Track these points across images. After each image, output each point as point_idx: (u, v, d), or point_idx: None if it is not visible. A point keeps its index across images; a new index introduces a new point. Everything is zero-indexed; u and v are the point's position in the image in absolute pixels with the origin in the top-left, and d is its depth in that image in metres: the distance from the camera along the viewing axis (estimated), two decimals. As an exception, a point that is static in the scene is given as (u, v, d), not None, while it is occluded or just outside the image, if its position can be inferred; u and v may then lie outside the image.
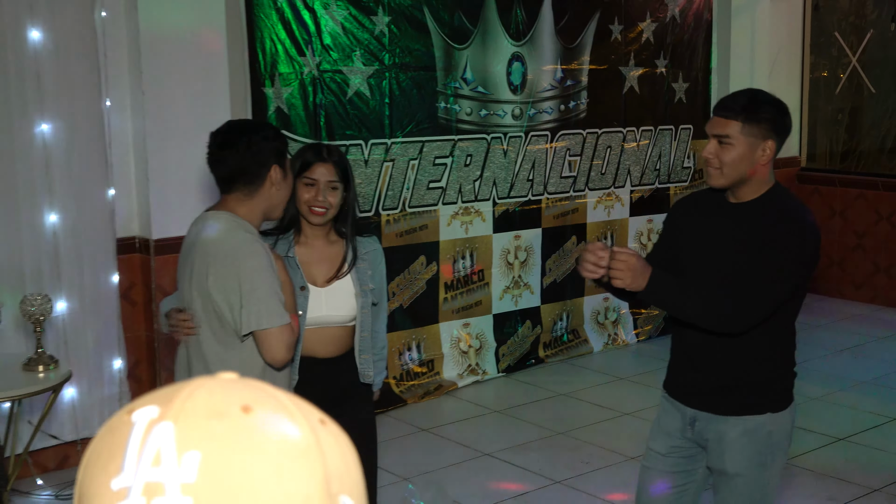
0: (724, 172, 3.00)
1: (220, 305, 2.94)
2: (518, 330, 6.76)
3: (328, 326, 3.39)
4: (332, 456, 0.76)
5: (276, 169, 3.00)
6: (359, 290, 3.39)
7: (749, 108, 2.97)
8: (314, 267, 3.38)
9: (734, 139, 2.97)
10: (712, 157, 3.01)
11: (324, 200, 3.29)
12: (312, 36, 5.58)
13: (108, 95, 5.07)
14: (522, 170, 6.62)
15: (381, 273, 3.49)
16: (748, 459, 3.06)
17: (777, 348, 3.08)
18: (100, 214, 5.05)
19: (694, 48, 7.52)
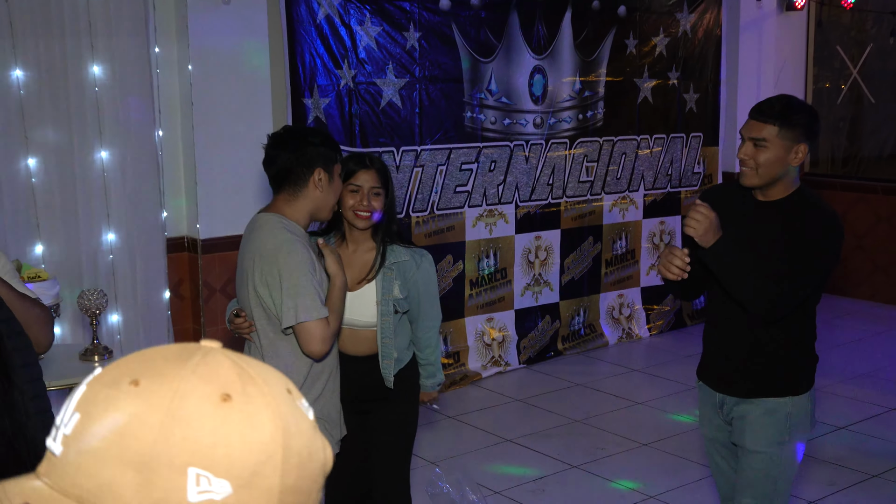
0: (759, 173, 3.00)
1: (266, 301, 2.97)
2: (538, 324, 6.76)
3: (355, 328, 3.37)
4: (184, 430, 0.79)
5: (319, 172, 3.01)
6: (380, 297, 3.33)
7: (785, 112, 2.98)
8: (347, 271, 3.34)
9: (770, 142, 2.98)
10: (748, 159, 3.01)
11: (368, 205, 3.28)
12: (349, 50, 5.59)
13: (160, 107, 5.11)
14: (543, 175, 6.61)
15: (415, 284, 3.37)
16: (767, 438, 3.08)
17: (799, 336, 3.09)
18: (152, 231, 5.09)
19: (704, 61, 7.48)
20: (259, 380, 0.84)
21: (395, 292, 3.35)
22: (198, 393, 0.80)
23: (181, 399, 0.80)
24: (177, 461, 0.78)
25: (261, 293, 2.98)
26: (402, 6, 5.79)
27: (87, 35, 4.77)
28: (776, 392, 3.08)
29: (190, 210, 5.32)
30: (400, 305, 3.37)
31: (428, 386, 3.55)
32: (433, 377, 3.54)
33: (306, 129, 3.15)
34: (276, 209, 3.06)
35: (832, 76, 8.67)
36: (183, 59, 5.17)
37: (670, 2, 7.17)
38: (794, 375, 3.09)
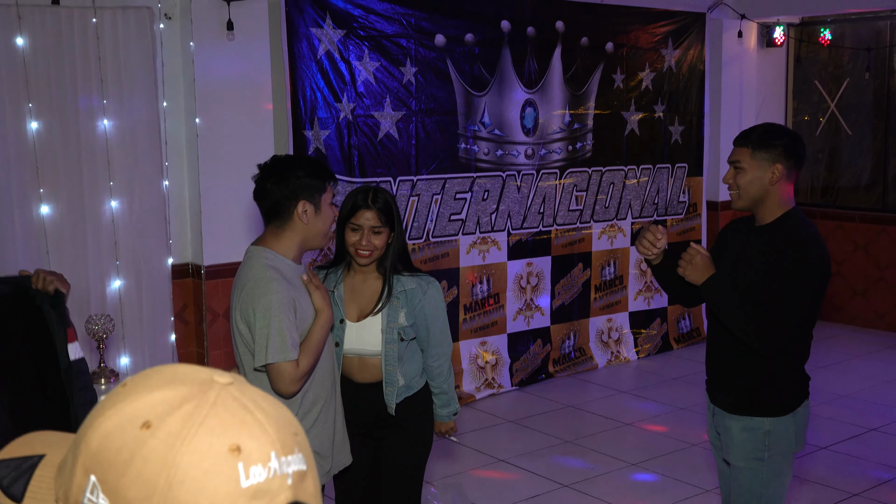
0: (741, 195, 3.07)
1: (245, 336, 2.90)
2: (530, 348, 6.75)
3: (362, 357, 3.33)
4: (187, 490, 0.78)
5: (304, 204, 2.89)
6: (385, 326, 3.28)
7: (760, 137, 3.05)
8: (352, 302, 3.33)
9: (745, 163, 3.05)
10: (731, 182, 3.09)
11: (367, 244, 3.21)
12: (348, 84, 5.62)
13: (167, 138, 5.13)
14: (534, 203, 6.63)
15: (422, 311, 3.30)
16: (746, 453, 3.09)
17: (786, 358, 3.08)
18: (158, 258, 5.09)
19: (688, 95, 7.52)
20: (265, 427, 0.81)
21: (401, 320, 3.28)
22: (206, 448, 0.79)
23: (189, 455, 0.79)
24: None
25: (241, 329, 2.90)
26: (400, 42, 5.82)
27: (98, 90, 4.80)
28: (755, 411, 3.07)
29: (194, 237, 5.32)
30: (405, 333, 3.30)
31: (443, 415, 3.44)
32: (447, 406, 3.44)
33: (291, 160, 3.00)
34: (264, 242, 2.96)
35: (811, 109, 8.73)
36: (189, 91, 5.19)
37: (656, 38, 7.22)
38: (775, 395, 3.08)
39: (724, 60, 7.81)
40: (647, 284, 7.38)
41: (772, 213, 3.07)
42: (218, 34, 5.15)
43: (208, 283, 5.25)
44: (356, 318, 3.31)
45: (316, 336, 2.93)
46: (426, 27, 5.94)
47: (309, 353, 2.90)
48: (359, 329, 3.30)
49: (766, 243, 3.02)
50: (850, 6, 7.54)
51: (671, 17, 7.29)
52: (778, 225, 3.05)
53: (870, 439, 5.58)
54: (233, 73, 5.24)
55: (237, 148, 5.27)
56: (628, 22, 7.03)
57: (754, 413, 3.07)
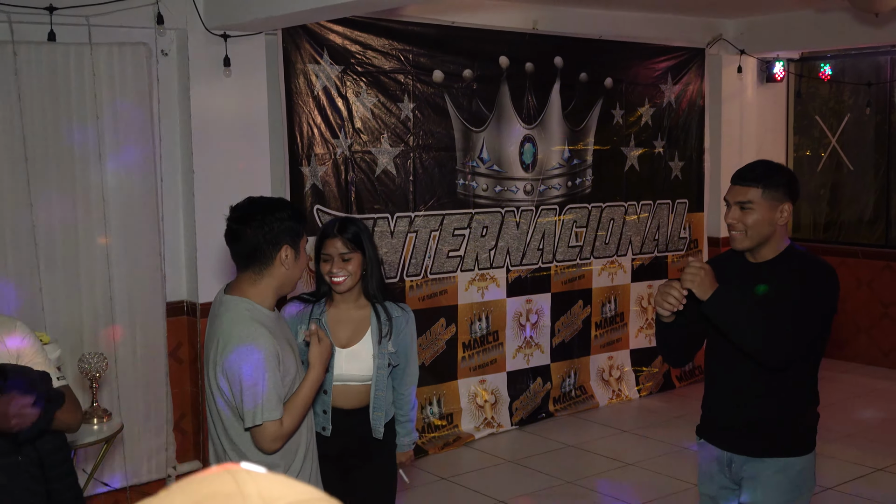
0: (749, 235, 3.03)
1: (226, 391, 2.80)
2: (530, 386, 6.72)
3: (349, 384, 3.40)
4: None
5: (287, 249, 2.80)
6: (376, 351, 3.38)
7: (767, 174, 3.03)
8: (339, 329, 3.40)
9: (756, 203, 3.01)
10: (736, 222, 3.04)
11: (339, 271, 3.32)
12: (345, 120, 5.65)
13: (162, 175, 5.14)
14: (533, 240, 6.63)
15: (404, 338, 3.45)
16: (780, 497, 3.04)
17: (807, 393, 3.07)
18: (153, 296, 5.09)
19: (688, 131, 7.56)
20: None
21: (389, 346, 3.39)
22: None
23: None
24: None
25: (220, 385, 2.80)
26: (397, 78, 5.86)
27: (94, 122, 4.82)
28: (790, 451, 3.05)
29: (189, 275, 5.31)
30: (393, 359, 3.42)
31: (406, 444, 3.56)
32: (410, 434, 3.56)
33: (272, 202, 2.88)
34: (241, 292, 2.83)
35: (812, 145, 8.76)
36: (185, 129, 5.21)
37: (655, 74, 7.27)
38: (805, 433, 3.08)
39: (723, 96, 7.85)
40: (648, 322, 7.36)
41: (775, 249, 3.07)
42: (215, 71, 5.18)
43: (203, 321, 5.24)
44: (343, 344, 3.39)
45: (304, 393, 2.83)
46: (424, 63, 5.98)
47: (294, 413, 2.80)
48: (347, 356, 3.38)
49: (777, 273, 3.02)
50: (850, 41, 7.60)
51: (670, 53, 7.34)
52: (786, 256, 3.06)
53: (876, 479, 5.53)
54: (229, 110, 5.27)
55: (233, 185, 5.27)
56: (627, 57, 7.08)
57: (788, 453, 3.04)
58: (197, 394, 5.30)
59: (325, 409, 3.39)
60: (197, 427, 5.35)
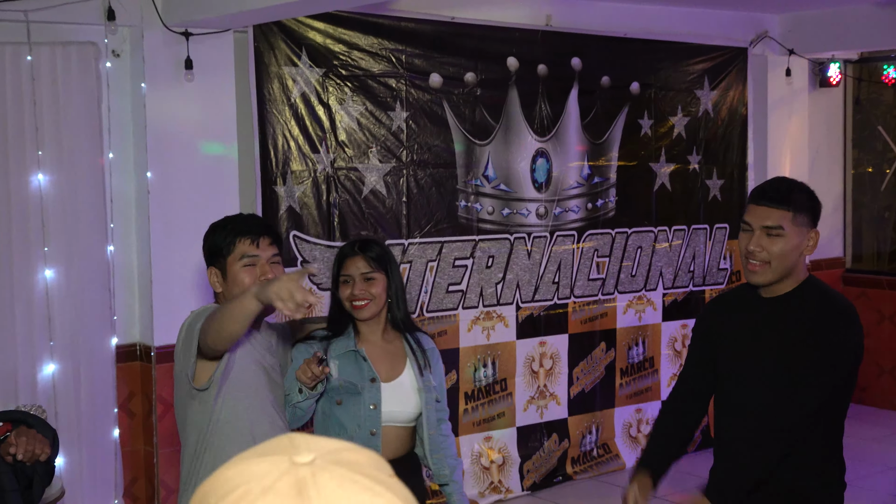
0: (773, 266, 3.01)
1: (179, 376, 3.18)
2: (544, 444, 6.71)
3: (392, 425, 3.44)
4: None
5: (211, 271, 3.28)
6: (421, 384, 3.45)
7: (795, 195, 3.04)
8: (377, 362, 3.46)
9: (787, 229, 3.00)
10: (760, 250, 3.00)
11: (362, 293, 3.40)
12: (327, 132, 5.68)
13: (112, 196, 5.16)
14: (547, 272, 6.65)
15: (439, 372, 3.56)
16: None
17: (828, 457, 3.07)
18: (99, 338, 5.09)
19: (728, 144, 7.59)
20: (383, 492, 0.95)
21: (432, 380, 3.49)
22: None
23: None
24: None
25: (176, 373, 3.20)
26: (388, 83, 5.90)
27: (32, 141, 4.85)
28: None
29: (143, 314, 5.32)
30: (439, 393, 3.52)
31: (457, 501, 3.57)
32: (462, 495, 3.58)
33: (211, 225, 3.37)
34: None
35: (874, 160, 8.79)
36: (140, 142, 5.23)
37: (689, 77, 7.31)
38: (834, 494, 3.07)
39: (769, 103, 7.89)
40: (682, 367, 7.34)
41: (794, 281, 3.07)
42: (174, 74, 5.21)
43: (159, 368, 5.24)
44: (384, 378, 3.46)
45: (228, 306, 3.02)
46: (420, 65, 6.02)
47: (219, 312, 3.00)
48: (389, 391, 3.44)
49: (794, 312, 3.02)
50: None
51: (707, 53, 7.39)
52: (804, 291, 3.05)
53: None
54: (191, 120, 5.29)
55: (196, 208, 5.29)
56: (657, 58, 7.13)
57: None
58: (152, 454, 5.29)
59: None
60: (151, 494, 5.33)
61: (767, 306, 3.08)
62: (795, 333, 2.98)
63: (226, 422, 3.15)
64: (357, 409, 3.39)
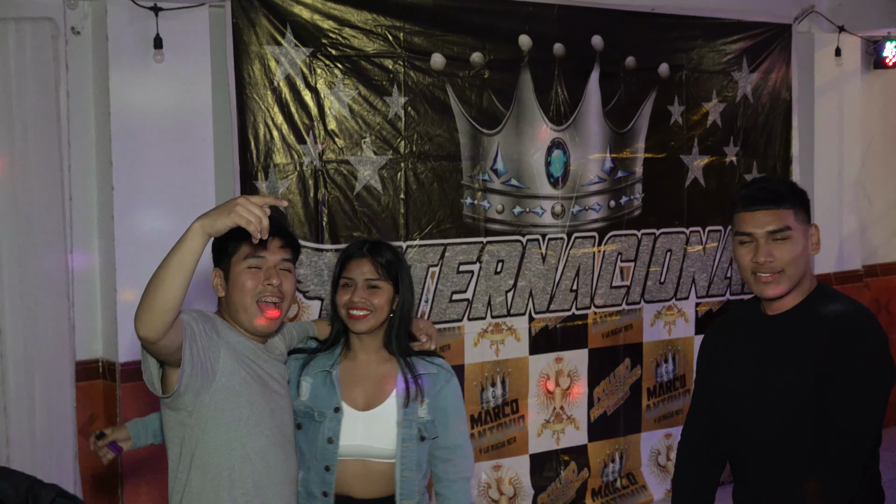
0: (788, 273, 3.03)
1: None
2: (560, 473, 6.71)
3: (367, 460, 3.37)
4: None
5: (215, 272, 3.29)
6: (402, 418, 3.35)
7: (790, 191, 3.08)
8: (356, 386, 3.40)
9: (794, 230, 3.03)
10: (771, 260, 3.02)
11: (362, 301, 3.34)
12: (315, 120, 5.68)
13: (72, 191, 5.16)
14: (565, 278, 6.65)
15: (443, 402, 3.41)
16: None
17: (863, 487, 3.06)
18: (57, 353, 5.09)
19: (770, 133, 7.58)
20: None
21: (421, 412, 3.36)
22: None
23: None
24: None
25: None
26: (384, 64, 5.90)
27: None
28: None
29: (107, 326, 5.32)
30: (427, 430, 3.37)
31: None
32: None
33: None
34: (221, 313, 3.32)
35: (936, 151, 8.79)
36: (102, 131, 5.23)
37: (726, 58, 7.31)
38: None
39: (817, 87, 7.88)
40: (690, 403, 7.34)
41: (798, 294, 3.08)
42: (142, 54, 5.21)
43: (124, 387, 5.24)
44: (362, 406, 3.39)
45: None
46: (420, 44, 6.03)
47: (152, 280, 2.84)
48: (366, 421, 3.36)
49: (803, 329, 3.01)
50: (984, 15, 7.64)
51: (746, 31, 7.39)
52: (810, 305, 3.04)
53: None
54: (161, 106, 5.29)
55: (166, 206, 5.29)
56: (689, 36, 7.13)
57: None
58: (117, 484, 5.29)
59: (325, 492, 3.35)
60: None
61: (773, 326, 3.09)
62: (807, 357, 2.97)
63: (213, 434, 3.09)
64: (315, 438, 3.36)
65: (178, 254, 2.78)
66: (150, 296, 2.78)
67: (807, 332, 2.99)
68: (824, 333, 2.96)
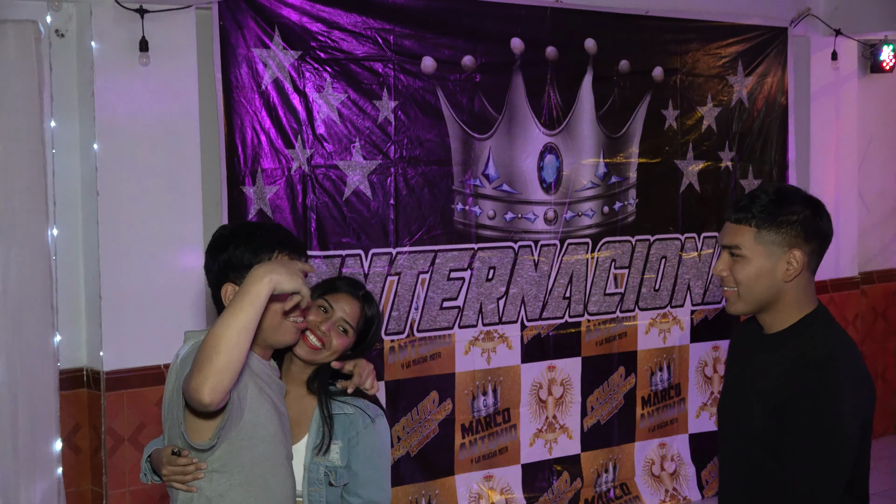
0: (742, 294, 2.97)
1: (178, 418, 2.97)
2: (553, 483, 6.70)
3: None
4: None
5: (230, 288, 3.02)
6: (309, 461, 3.22)
7: (768, 208, 2.93)
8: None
9: (747, 249, 2.93)
10: (725, 275, 2.98)
11: (325, 335, 3.26)
12: (303, 124, 5.67)
13: (55, 197, 5.14)
14: (557, 285, 6.65)
15: (365, 449, 3.25)
16: None
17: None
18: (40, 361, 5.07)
19: (766, 138, 7.59)
20: None
21: (333, 456, 3.23)
22: None
23: None
24: None
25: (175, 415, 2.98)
26: (374, 68, 5.90)
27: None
28: None
29: (91, 334, 5.30)
30: (337, 476, 3.23)
31: None
32: None
33: (235, 228, 3.22)
34: None
35: (933, 156, 8.80)
36: (87, 136, 5.23)
37: (721, 61, 7.32)
38: None
39: (813, 91, 7.90)
40: (713, 396, 7.36)
41: (786, 317, 2.97)
42: (128, 57, 5.20)
43: (109, 397, 5.23)
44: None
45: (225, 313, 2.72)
46: (410, 47, 6.02)
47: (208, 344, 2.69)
48: None
49: (781, 358, 2.94)
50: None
51: (742, 34, 7.40)
52: (792, 334, 2.96)
53: None
54: (147, 110, 5.28)
55: (152, 212, 5.28)
56: (683, 40, 7.14)
57: None
58: (101, 494, 5.28)
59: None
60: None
61: (763, 345, 3.03)
62: (778, 385, 2.89)
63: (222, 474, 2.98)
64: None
65: (249, 312, 2.67)
66: (222, 359, 2.65)
67: (782, 365, 2.92)
68: (793, 368, 2.88)
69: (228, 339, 2.64)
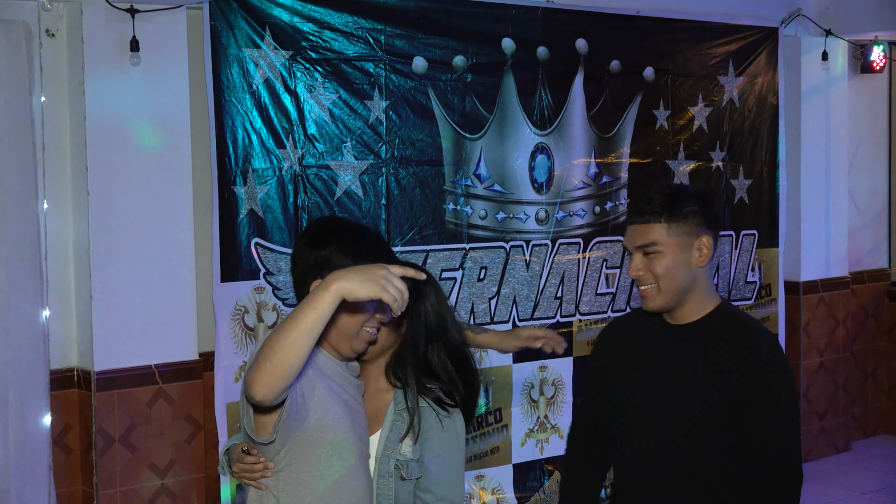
0: (662, 288, 3.09)
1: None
2: (545, 484, 6.71)
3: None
4: None
5: (316, 283, 2.86)
6: (380, 452, 3.13)
7: (671, 204, 3.09)
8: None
9: (662, 244, 3.07)
10: (643, 274, 3.10)
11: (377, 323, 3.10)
12: (294, 124, 5.67)
13: (46, 196, 5.14)
14: (549, 285, 6.65)
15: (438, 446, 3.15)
16: None
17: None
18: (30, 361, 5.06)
19: (757, 138, 7.61)
20: None
21: (404, 448, 3.13)
22: None
23: None
24: None
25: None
26: (365, 67, 5.90)
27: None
28: None
29: (82, 334, 5.30)
30: (409, 470, 3.12)
31: None
32: None
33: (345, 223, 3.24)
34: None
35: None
36: (77, 135, 5.23)
37: (712, 62, 7.33)
38: None
39: (804, 91, 7.91)
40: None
41: (699, 306, 3.13)
42: (118, 57, 5.20)
43: (100, 397, 5.23)
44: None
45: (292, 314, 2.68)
46: (401, 48, 6.03)
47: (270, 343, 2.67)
48: None
49: (708, 345, 3.07)
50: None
51: (732, 34, 7.42)
52: (717, 317, 3.12)
53: None
54: (138, 110, 5.29)
55: (143, 211, 5.28)
56: (675, 40, 7.15)
57: None
58: (92, 496, 5.27)
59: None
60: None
61: (677, 336, 3.14)
62: (718, 374, 3.03)
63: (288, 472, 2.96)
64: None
65: (310, 317, 2.61)
66: (276, 358, 2.62)
67: (714, 350, 3.05)
68: (733, 351, 3.03)
69: (286, 340, 2.62)
